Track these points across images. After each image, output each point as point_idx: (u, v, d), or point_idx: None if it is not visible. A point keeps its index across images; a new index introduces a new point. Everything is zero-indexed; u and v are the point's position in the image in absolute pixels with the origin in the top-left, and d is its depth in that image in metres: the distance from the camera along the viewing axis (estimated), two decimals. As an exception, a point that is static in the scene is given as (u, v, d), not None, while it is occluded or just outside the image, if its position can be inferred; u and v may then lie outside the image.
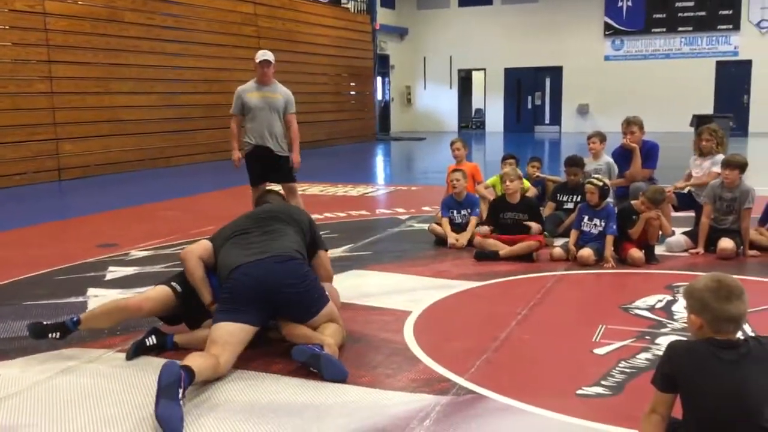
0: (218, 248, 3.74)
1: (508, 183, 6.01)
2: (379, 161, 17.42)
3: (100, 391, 3.24)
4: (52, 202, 10.21)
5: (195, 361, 3.11)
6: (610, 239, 5.56)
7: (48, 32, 11.66)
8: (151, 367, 3.51)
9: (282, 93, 6.82)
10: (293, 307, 3.55)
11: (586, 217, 5.74)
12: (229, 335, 3.31)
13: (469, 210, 6.41)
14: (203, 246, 3.79)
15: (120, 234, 7.08)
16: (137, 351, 3.64)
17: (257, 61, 6.63)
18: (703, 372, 2.20)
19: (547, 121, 26.02)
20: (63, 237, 7.15)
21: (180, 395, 2.86)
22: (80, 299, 4.76)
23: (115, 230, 7.35)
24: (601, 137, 7.11)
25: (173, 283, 3.78)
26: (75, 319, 3.60)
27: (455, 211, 6.42)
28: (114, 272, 5.51)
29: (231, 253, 3.62)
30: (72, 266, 5.72)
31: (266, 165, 6.68)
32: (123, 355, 3.64)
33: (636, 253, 5.51)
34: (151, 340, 3.68)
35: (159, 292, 3.74)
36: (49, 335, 3.55)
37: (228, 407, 3.04)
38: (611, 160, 6.99)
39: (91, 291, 4.97)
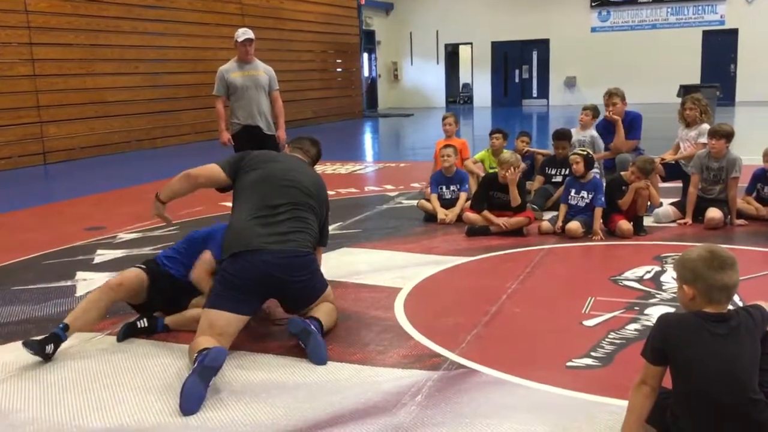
0: (239, 191, 3.68)
1: (507, 174, 5.68)
2: (367, 138, 17.36)
3: (92, 374, 3.24)
4: (38, 185, 10.12)
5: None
6: (598, 212, 5.57)
7: (29, 14, 11.49)
8: (142, 349, 3.51)
9: (264, 70, 6.77)
10: (297, 298, 3.56)
11: (573, 190, 5.74)
12: (228, 325, 3.29)
13: (458, 186, 6.40)
14: (215, 175, 3.76)
15: (108, 217, 7.04)
16: (128, 333, 3.64)
17: (239, 40, 6.56)
18: (693, 345, 2.22)
19: (534, 95, 25.97)
20: (50, 221, 7.10)
21: (211, 381, 2.94)
22: (69, 283, 4.74)
23: (103, 213, 7.31)
24: (595, 111, 7.11)
25: (138, 265, 3.80)
26: (62, 325, 3.48)
27: (444, 187, 6.42)
28: (102, 255, 5.49)
29: (251, 229, 3.47)
30: (60, 250, 5.69)
31: (255, 144, 6.64)
32: (114, 338, 3.64)
33: (625, 224, 5.53)
34: (143, 323, 3.68)
35: (131, 271, 3.73)
36: (46, 349, 3.38)
37: (220, 387, 3.04)
38: (596, 134, 7.00)
39: (80, 274, 4.94)
